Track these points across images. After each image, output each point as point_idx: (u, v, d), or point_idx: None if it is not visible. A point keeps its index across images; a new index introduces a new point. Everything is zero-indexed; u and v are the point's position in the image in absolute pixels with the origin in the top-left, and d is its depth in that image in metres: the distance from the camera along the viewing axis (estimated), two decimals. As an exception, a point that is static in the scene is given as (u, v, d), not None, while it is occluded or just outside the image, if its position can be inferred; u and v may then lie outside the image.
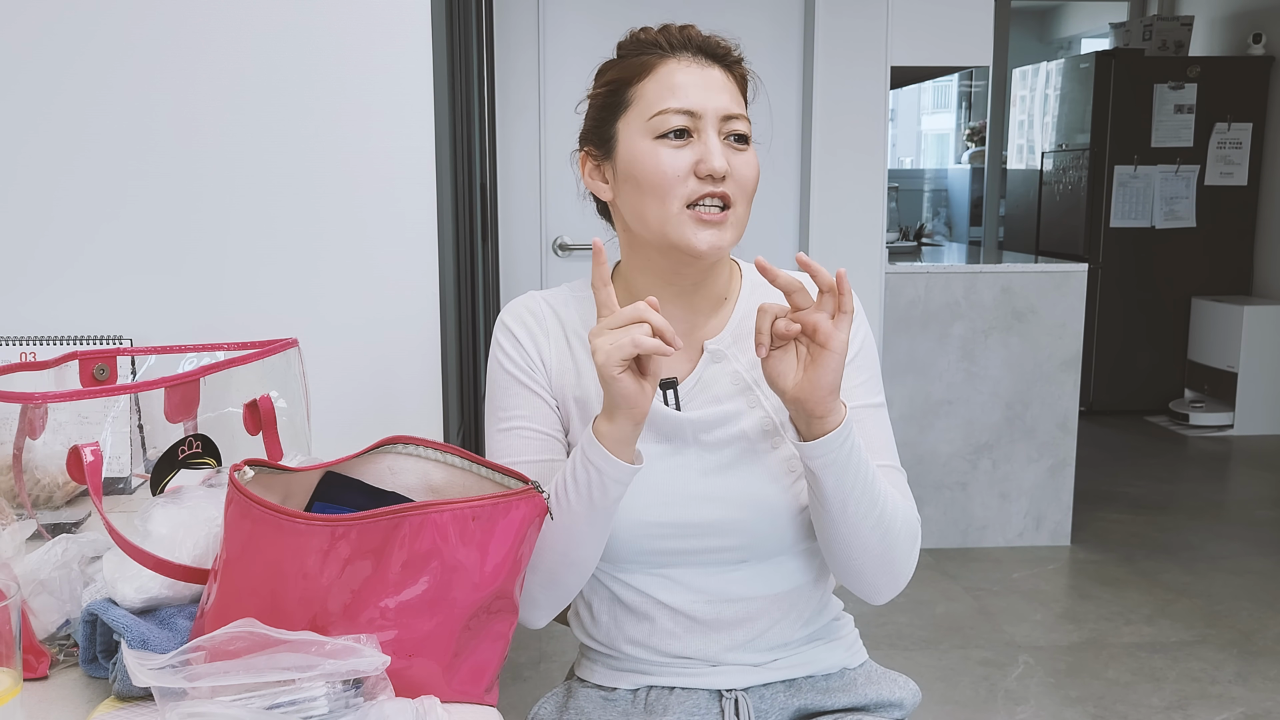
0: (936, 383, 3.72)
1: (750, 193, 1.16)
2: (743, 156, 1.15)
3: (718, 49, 1.17)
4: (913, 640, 3.08)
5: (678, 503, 1.17)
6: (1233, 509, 4.33)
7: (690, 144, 1.13)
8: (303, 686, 0.81)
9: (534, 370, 1.21)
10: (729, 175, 1.13)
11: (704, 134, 1.13)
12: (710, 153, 1.12)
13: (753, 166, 1.16)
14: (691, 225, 1.13)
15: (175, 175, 1.63)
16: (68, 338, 1.58)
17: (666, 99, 1.13)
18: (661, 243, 1.15)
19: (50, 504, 1.29)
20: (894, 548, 1.16)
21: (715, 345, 1.21)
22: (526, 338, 1.22)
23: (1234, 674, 2.85)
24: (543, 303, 1.25)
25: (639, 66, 1.17)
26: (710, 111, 1.13)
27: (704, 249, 1.13)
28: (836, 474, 1.09)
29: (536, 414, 1.20)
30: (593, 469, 1.07)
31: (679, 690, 1.23)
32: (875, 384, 1.23)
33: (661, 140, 1.13)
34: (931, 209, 7.26)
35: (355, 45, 1.62)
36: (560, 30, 3.45)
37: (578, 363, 1.22)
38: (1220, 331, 5.52)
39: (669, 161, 1.13)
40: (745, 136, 1.15)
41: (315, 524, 0.87)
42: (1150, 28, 5.84)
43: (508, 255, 3.48)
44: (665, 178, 1.12)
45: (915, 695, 1.30)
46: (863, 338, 1.23)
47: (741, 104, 1.17)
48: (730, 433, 1.18)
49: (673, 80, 1.14)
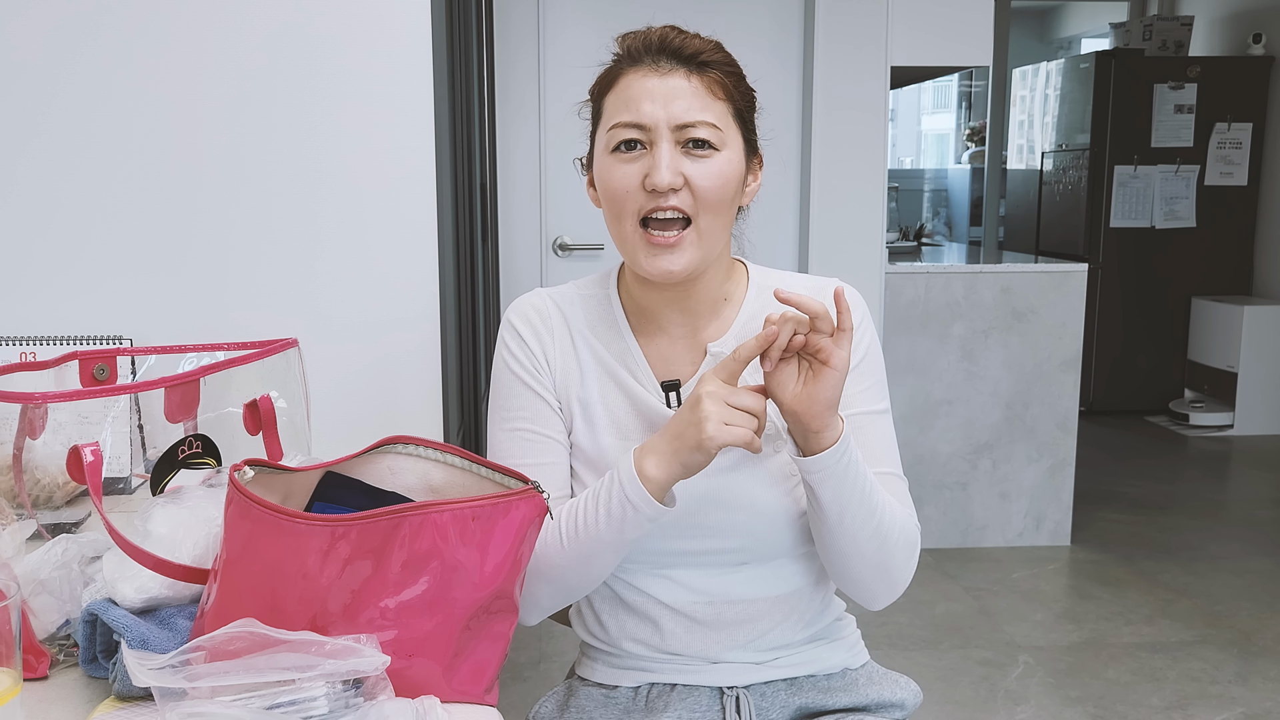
0: (936, 383, 3.72)
1: (716, 203, 1.12)
2: (704, 165, 1.11)
3: (684, 49, 1.12)
4: (913, 640, 3.08)
5: (678, 503, 1.17)
6: (1233, 509, 4.33)
7: (642, 156, 1.12)
8: (303, 686, 0.81)
9: (539, 372, 1.21)
10: (684, 186, 1.11)
11: (655, 145, 1.11)
12: (655, 165, 1.10)
13: (716, 174, 1.12)
14: (644, 249, 1.13)
15: (175, 176, 1.63)
16: (68, 338, 1.58)
17: (620, 112, 1.13)
18: (627, 261, 1.16)
19: (50, 504, 1.29)
20: (891, 557, 1.16)
21: (718, 348, 1.20)
22: (532, 337, 1.22)
23: (1234, 674, 2.85)
24: (549, 301, 1.25)
25: (606, 78, 1.17)
26: (660, 122, 1.10)
27: (655, 274, 1.13)
28: (833, 487, 1.09)
29: (538, 416, 1.21)
30: (629, 507, 1.07)
31: (680, 687, 1.23)
32: (878, 391, 1.23)
33: (615, 154, 1.13)
34: (931, 209, 7.26)
35: (355, 45, 1.62)
36: (560, 31, 3.45)
37: (582, 364, 1.22)
38: (1220, 331, 5.52)
39: (619, 175, 1.12)
40: (704, 142, 1.11)
41: (315, 524, 0.87)
42: (1150, 28, 5.84)
43: (508, 255, 3.49)
44: (616, 192, 1.13)
45: (916, 696, 1.31)
46: (868, 344, 1.22)
47: (710, 107, 1.12)
48: None
49: (629, 92, 1.13)
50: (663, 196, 1.10)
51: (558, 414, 1.22)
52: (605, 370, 1.21)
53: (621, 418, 1.20)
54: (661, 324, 1.21)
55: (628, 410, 1.20)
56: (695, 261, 1.13)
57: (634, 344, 1.22)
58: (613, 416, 1.20)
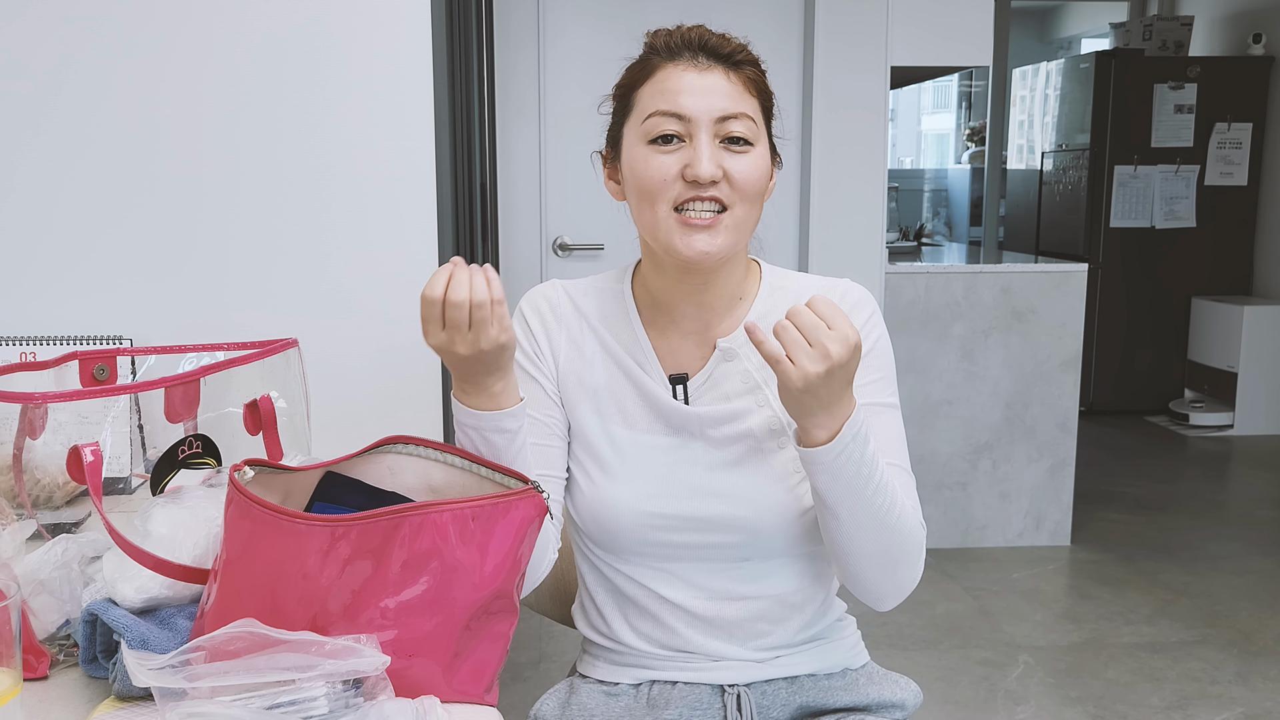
0: (936, 383, 3.72)
1: (752, 195, 1.15)
2: (742, 159, 1.14)
3: (721, 48, 1.16)
4: (913, 640, 3.08)
5: (681, 495, 1.18)
6: (1233, 509, 4.33)
7: (681, 149, 1.13)
8: (303, 686, 0.81)
9: (540, 359, 1.23)
10: (724, 179, 1.13)
11: (695, 138, 1.12)
12: (698, 157, 1.12)
13: (754, 169, 1.14)
14: (679, 230, 1.13)
15: (174, 176, 1.63)
16: (68, 338, 1.58)
17: (658, 103, 1.14)
18: (657, 246, 1.16)
19: (50, 504, 1.29)
20: (896, 559, 1.15)
21: (728, 343, 1.21)
22: (538, 325, 1.25)
23: (1234, 674, 2.85)
24: (562, 291, 1.27)
25: (641, 71, 1.18)
26: (701, 115, 1.12)
27: (689, 255, 1.13)
28: (827, 481, 1.09)
29: (534, 399, 1.22)
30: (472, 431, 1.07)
31: (681, 685, 1.24)
32: (886, 384, 1.23)
33: (653, 145, 1.14)
34: (931, 209, 7.26)
35: (355, 45, 1.62)
36: (560, 31, 3.45)
37: (591, 354, 1.23)
38: (1220, 331, 5.52)
39: (657, 166, 1.13)
40: (742, 138, 1.14)
41: (315, 524, 0.87)
42: (1150, 28, 5.84)
43: (508, 255, 3.48)
44: (653, 182, 1.13)
45: (916, 696, 1.31)
46: (876, 337, 1.22)
47: (745, 104, 1.15)
48: (737, 430, 1.19)
49: (666, 85, 1.14)
50: (702, 187, 1.12)
51: (552, 399, 1.23)
52: (614, 360, 1.23)
53: (628, 407, 1.21)
54: (675, 318, 1.22)
55: (635, 400, 1.21)
56: (728, 245, 1.15)
57: (643, 336, 1.23)
58: (620, 406, 1.21)
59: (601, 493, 1.20)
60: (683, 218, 1.13)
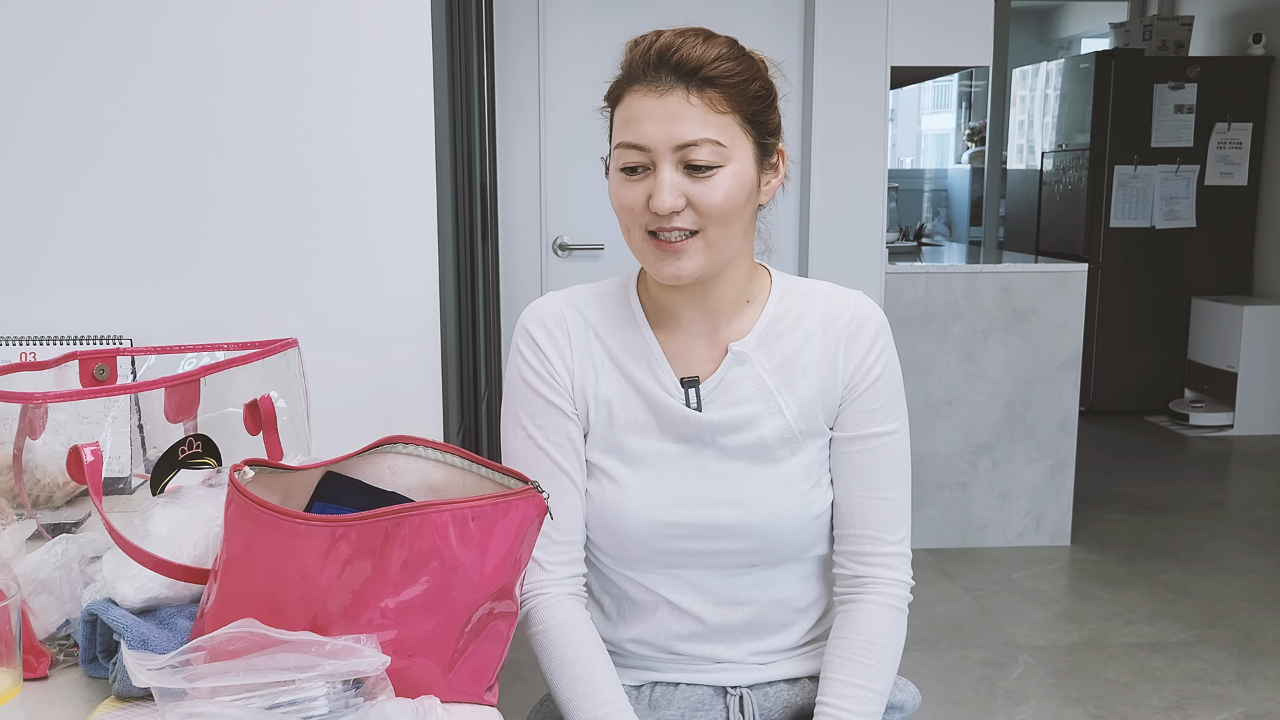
0: (936, 383, 3.72)
1: (722, 216, 1.11)
2: (706, 184, 1.10)
3: (684, 65, 1.09)
4: (913, 640, 3.07)
5: (692, 504, 1.18)
6: (1233, 509, 4.33)
7: (645, 178, 1.12)
8: (303, 687, 0.81)
9: (554, 380, 1.21)
10: (687, 207, 1.11)
11: (657, 167, 1.10)
12: (658, 189, 1.10)
13: (719, 191, 1.10)
14: (653, 254, 1.14)
15: (175, 177, 1.63)
16: (68, 338, 1.58)
17: (622, 133, 1.13)
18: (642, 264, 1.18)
19: (50, 504, 1.29)
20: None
21: (740, 348, 1.20)
22: (549, 344, 1.22)
23: (1234, 674, 2.85)
24: (564, 304, 1.24)
25: (614, 92, 1.16)
26: (660, 144, 1.09)
27: (664, 279, 1.14)
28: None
29: (549, 425, 1.20)
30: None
31: (683, 686, 1.24)
32: (891, 410, 1.23)
33: (623, 173, 1.13)
34: (931, 209, 7.26)
35: (355, 45, 1.62)
36: (560, 31, 3.45)
37: (600, 363, 1.22)
38: (1220, 331, 5.51)
39: (626, 194, 1.13)
40: (704, 166, 1.09)
41: (315, 524, 0.87)
42: (1150, 28, 5.84)
43: (508, 255, 3.48)
44: (624, 210, 1.14)
45: (915, 698, 1.31)
46: (885, 363, 1.22)
47: (709, 127, 1.09)
48: (749, 437, 1.18)
49: (631, 112, 1.12)
50: (667, 218, 1.11)
51: (570, 419, 1.21)
52: (623, 368, 1.21)
53: (638, 415, 1.20)
54: (680, 321, 1.21)
55: (645, 408, 1.20)
56: (703, 266, 1.14)
57: (652, 339, 1.22)
58: (630, 414, 1.20)
59: (611, 501, 1.19)
60: (656, 242, 1.13)
